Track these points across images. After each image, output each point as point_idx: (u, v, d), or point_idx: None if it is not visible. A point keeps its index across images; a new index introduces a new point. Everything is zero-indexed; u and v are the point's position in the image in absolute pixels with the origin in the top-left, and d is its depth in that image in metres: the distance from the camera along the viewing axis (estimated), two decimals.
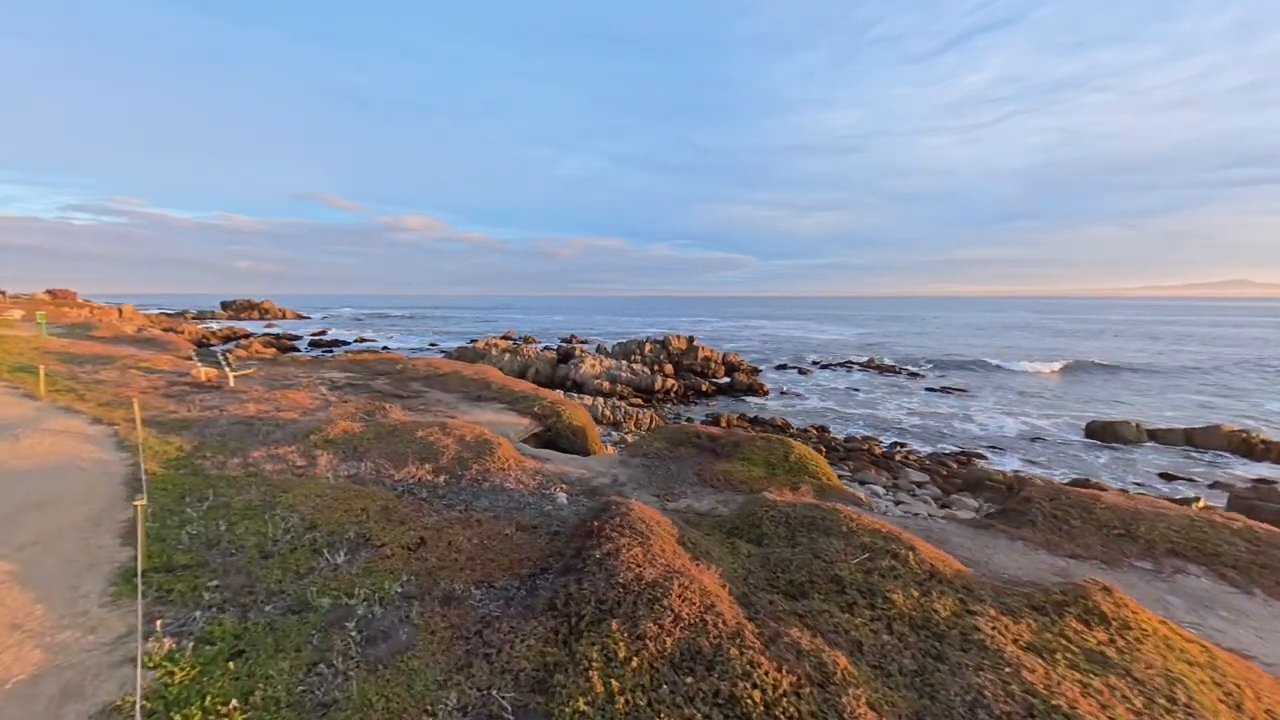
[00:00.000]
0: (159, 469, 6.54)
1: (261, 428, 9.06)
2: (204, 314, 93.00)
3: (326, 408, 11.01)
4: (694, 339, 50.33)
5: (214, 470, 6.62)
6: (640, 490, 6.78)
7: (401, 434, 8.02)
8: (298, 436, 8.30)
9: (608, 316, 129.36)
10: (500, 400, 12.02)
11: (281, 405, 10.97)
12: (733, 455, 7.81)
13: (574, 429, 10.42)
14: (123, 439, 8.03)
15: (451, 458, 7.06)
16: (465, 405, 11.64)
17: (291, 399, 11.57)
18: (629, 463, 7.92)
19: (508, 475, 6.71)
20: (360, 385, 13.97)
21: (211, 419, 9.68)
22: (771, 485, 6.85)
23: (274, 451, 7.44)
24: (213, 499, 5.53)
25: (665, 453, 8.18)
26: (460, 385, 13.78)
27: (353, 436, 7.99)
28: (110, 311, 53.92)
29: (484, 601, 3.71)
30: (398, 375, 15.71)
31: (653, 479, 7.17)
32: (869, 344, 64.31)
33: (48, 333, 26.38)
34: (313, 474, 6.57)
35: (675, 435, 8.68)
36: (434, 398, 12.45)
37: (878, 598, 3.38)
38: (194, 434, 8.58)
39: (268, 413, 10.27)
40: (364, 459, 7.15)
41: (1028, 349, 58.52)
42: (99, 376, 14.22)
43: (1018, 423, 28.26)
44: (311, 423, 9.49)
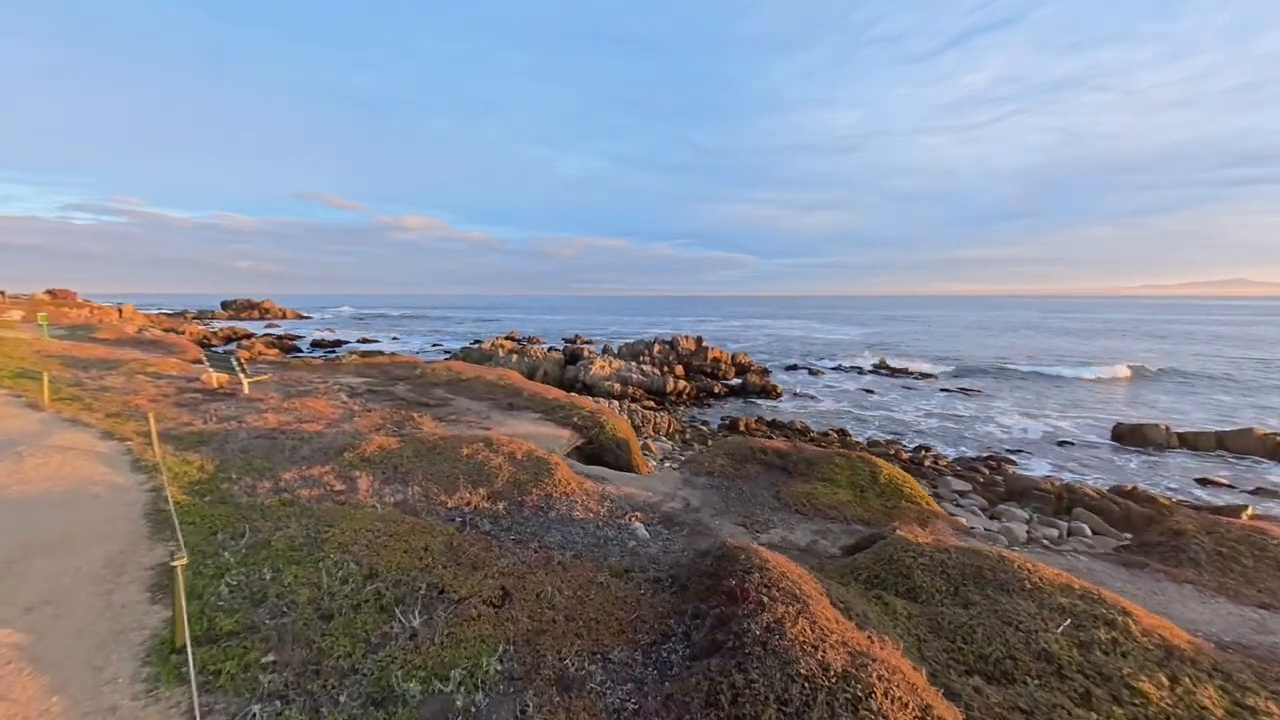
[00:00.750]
0: (182, 495, 5.76)
1: (286, 442, 8.28)
2: (204, 314, 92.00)
3: (351, 418, 10.23)
4: (702, 339, 49.65)
5: (244, 496, 5.85)
6: (720, 517, 6.03)
7: (444, 451, 7.26)
8: (329, 454, 7.53)
9: (610, 316, 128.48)
10: (534, 409, 11.25)
11: (303, 415, 10.18)
12: (809, 475, 7.06)
13: (618, 441, 9.66)
14: (138, 457, 7.25)
15: (506, 480, 6.30)
16: (498, 415, 10.87)
17: (312, 408, 10.79)
18: (694, 482, 7.17)
19: (572, 501, 5.95)
20: (381, 392, 13.19)
21: (230, 432, 8.90)
22: (864, 510, 6.11)
23: (306, 473, 6.67)
24: (249, 536, 4.76)
25: (731, 471, 7.43)
26: (487, 392, 13.01)
27: (391, 454, 7.22)
28: (111, 312, 53.00)
29: (609, 685, 2.96)
30: (418, 380, 14.93)
31: (728, 503, 6.42)
32: (876, 344, 63.69)
33: (49, 334, 25.51)
34: (355, 501, 5.80)
35: (738, 450, 7.93)
36: (462, 406, 11.67)
37: (1118, 686, 2.66)
38: (214, 450, 7.80)
39: (290, 424, 9.49)
40: (409, 482, 6.38)
41: (1055, 351, 57.68)
42: (105, 383, 13.40)
43: (1039, 425, 27.61)
44: (340, 436, 8.72)
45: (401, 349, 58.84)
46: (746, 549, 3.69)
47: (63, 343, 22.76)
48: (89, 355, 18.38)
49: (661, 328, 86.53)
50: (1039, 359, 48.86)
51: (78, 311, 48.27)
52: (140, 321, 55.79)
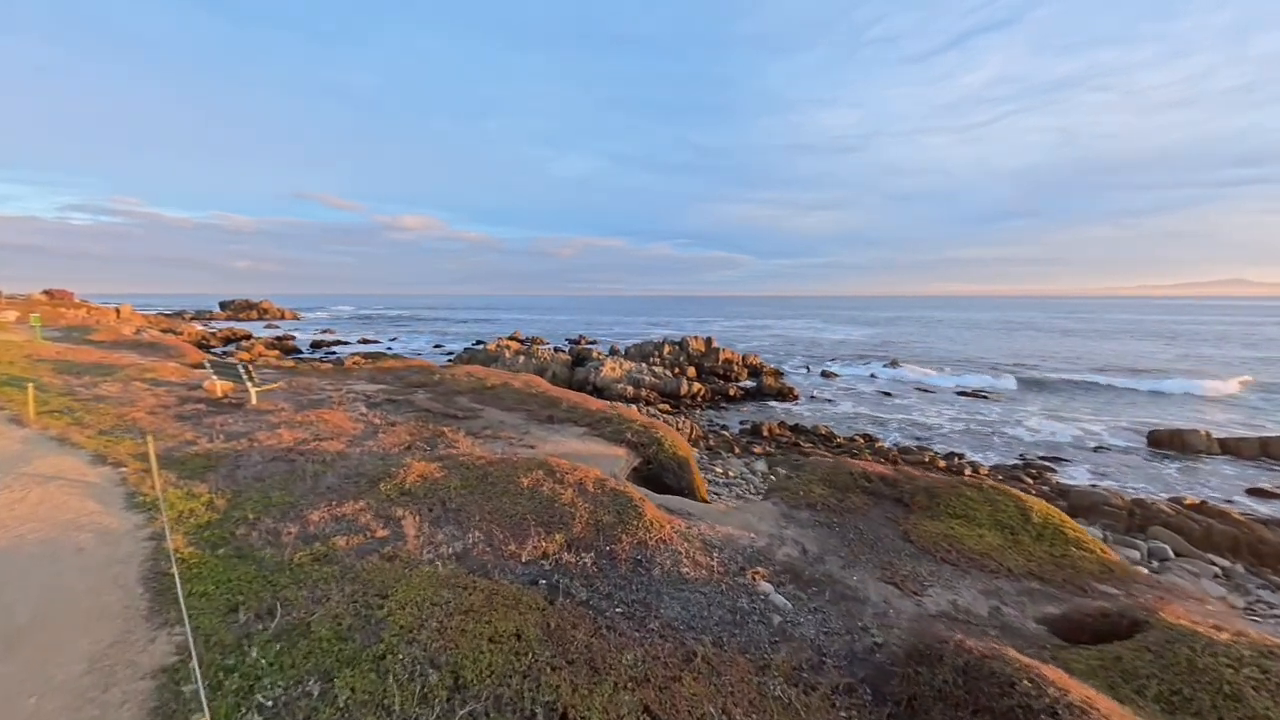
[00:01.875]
0: (189, 548, 4.56)
1: (307, 467, 7.07)
2: (203, 314, 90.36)
3: (374, 433, 9.02)
4: (712, 340, 48.51)
5: (266, 547, 4.65)
6: (853, 569, 4.86)
7: (499, 481, 6.06)
8: (360, 483, 6.32)
9: (612, 316, 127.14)
10: (575, 422, 10.05)
11: (320, 431, 8.97)
12: (934, 509, 5.90)
13: (678, 461, 8.49)
14: (134, 489, 6.03)
15: (585, 522, 5.11)
16: (538, 429, 9.67)
17: (329, 422, 9.57)
18: (795, 518, 6.00)
19: (674, 552, 4.77)
20: (401, 401, 11.97)
21: (240, 453, 7.68)
22: (1027, 561, 4.95)
23: (338, 510, 5.46)
24: (281, 614, 3.57)
25: (834, 502, 6.26)
26: (518, 401, 11.80)
27: (436, 485, 6.02)
28: (108, 312, 51.51)
29: None
30: (437, 387, 13.71)
31: (850, 547, 5.25)
32: (883, 344, 62.69)
33: (42, 336, 24.16)
34: (405, 553, 4.60)
35: (834, 476, 6.76)
36: (494, 418, 10.47)
37: None
38: (224, 478, 6.58)
39: (307, 443, 8.27)
40: (466, 524, 5.18)
41: (1100, 356, 56.41)
42: (99, 391, 12.14)
43: (1069, 428, 26.57)
44: (367, 458, 7.51)
45: (403, 350, 57.48)
46: (1013, 664, 2.53)
47: (56, 345, 21.43)
48: (83, 359, 17.08)
49: (664, 328, 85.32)
50: (1107, 368, 45.38)
51: (74, 312, 46.79)
52: (138, 322, 54.33)
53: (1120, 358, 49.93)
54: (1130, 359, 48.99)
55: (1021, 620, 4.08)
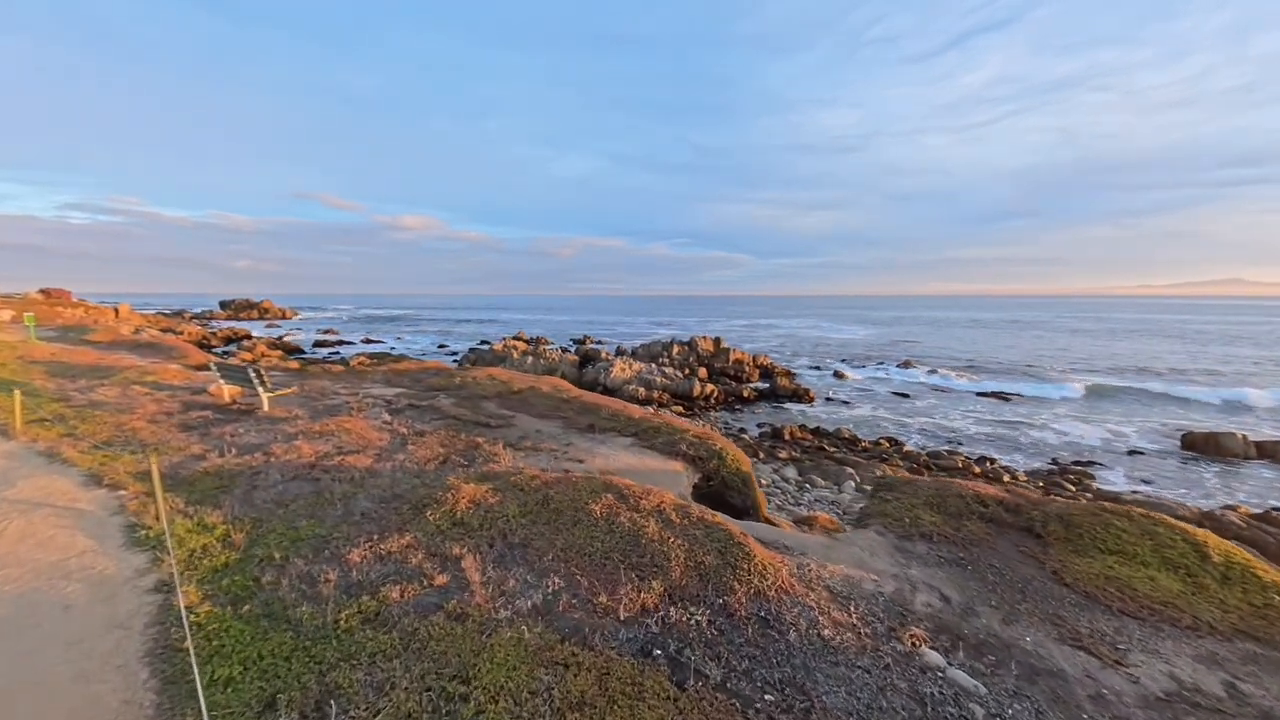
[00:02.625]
0: (205, 601, 3.63)
1: (335, 487, 6.13)
2: (203, 314, 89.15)
3: (403, 445, 8.08)
4: (721, 340, 47.66)
5: (301, 603, 3.71)
6: (1018, 625, 3.94)
7: (563, 507, 5.13)
8: (399, 509, 5.38)
9: (614, 316, 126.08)
10: (620, 431, 9.12)
11: (344, 443, 8.02)
12: (1074, 540, 4.99)
13: (742, 477, 7.57)
14: (135, 519, 5.08)
15: (684, 565, 4.18)
16: (581, 440, 8.74)
17: (353, 432, 8.62)
18: (911, 551, 5.08)
19: (801, 605, 3.85)
20: (424, 407, 11.02)
21: (256, 469, 6.73)
22: (1224, 612, 4.04)
23: (381, 547, 4.53)
24: (335, 714, 2.66)
25: (949, 531, 5.35)
26: (549, 407, 10.86)
27: (492, 512, 5.08)
28: (106, 311, 50.40)
29: None
30: (460, 392, 12.77)
31: (999, 594, 4.34)
32: (891, 344, 61.86)
33: (36, 336, 23.11)
34: (473, 607, 3.67)
35: (942, 500, 5.85)
36: (529, 427, 9.53)
37: None
38: (240, 502, 5.64)
39: (330, 456, 7.33)
40: (539, 566, 4.25)
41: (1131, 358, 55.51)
42: (96, 396, 11.17)
43: (1097, 430, 25.74)
44: (402, 476, 6.57)
45: (407, 350, 56.46)
46: None
47: (51, 346, 20.39)
48: (79, 361, 16.08)
49: (668, 328, 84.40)
50: (1144, 370, 43.27)
51: (72, 311, 45.67)
52: (137, 321, 53.22)
53: (1141, 358, 49.13)
54: (1148, 359, 48.20)
55: (1265, 700, 3.18)
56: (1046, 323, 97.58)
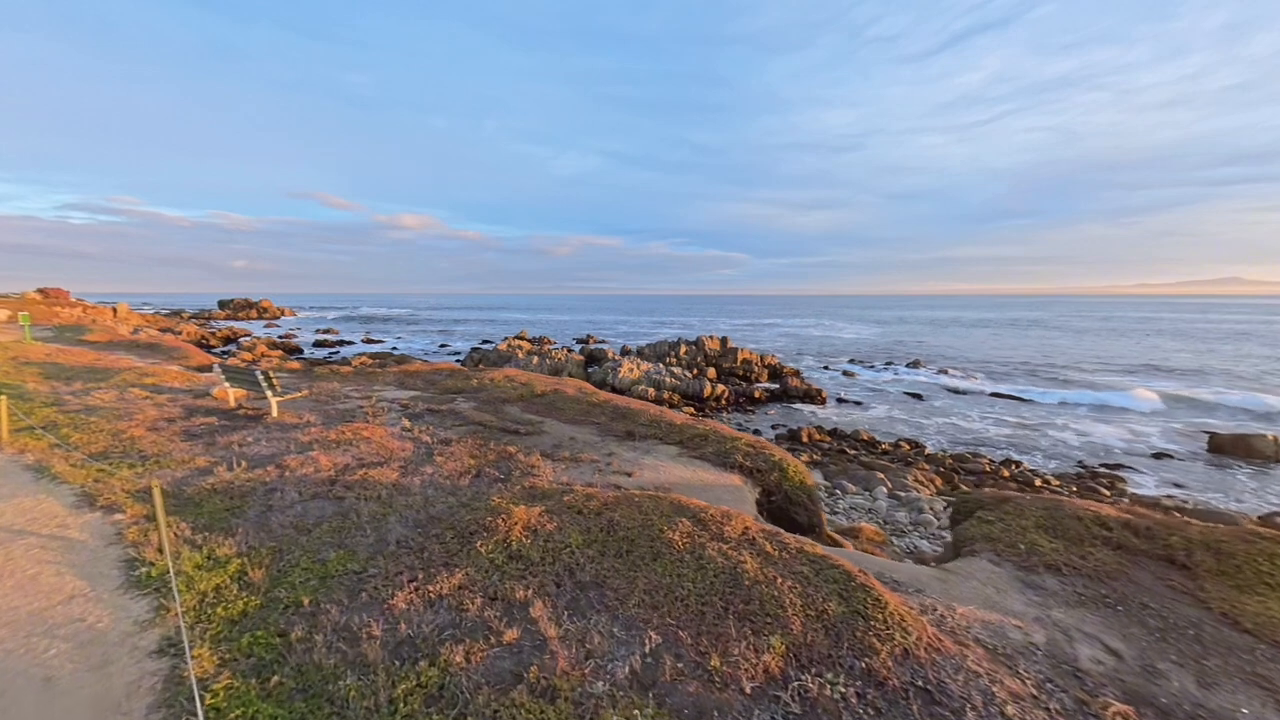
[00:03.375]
0: (222, 669, 2.87)
1: (361, 507, 5.36)
2: (201, 313, 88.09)
3: (429, 455, 7.30)
4: (728, 339, 46.99)
5: (343, 667, 2.95)
6: (1222, 690, 3.20)
7: (633, 533, 4.37)
8: (442, 535, 4.61)
9: (614, 316, 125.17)
10: (662, 439, 8.35)
11: (363, 454, 7.24)
12: (1232, 573, 4.25)
13: (808, 493, 6.81)
14: (134, 552, 4.30)
15: (802, 615, 3.42)
16: (621, 449, 7.97)
17: (371, 440, 7.84)
18: (1040, 586, 4.33)
19: (961, 668, 3.10)
20: (444, 412, 10.24)
21: (271, 486, 5.95)
22: None
23: (430, 588, 3.76)
24: None
25: (1075, 560, 4.61)
26: (579, 412, 10.09)
27: (552, 542, 4.32)
28: (104, 311, 49.46)
29: None
30: (479, 395, 11.99)
31: (1173, 644, 3.60)
32: (896, 344, 61.23)
33: (31, 337, 22.25)
34: (556, 673, 2.92)
35: (1056, 522, 5.10)
36: (562, 434, 8.76)
37: None
38: (254, 527, 4.86)
39: (351, 469, 6.55)
40: (625, 615, 3.49)
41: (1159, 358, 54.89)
42: (91, 400, 10.36)
43: (1118, 431, 25.07)
44: (432, 492, 5.80)
45: (408, 349, 55.64)
46: None
47: (46, 346, 19.54)
48: (75, 362, 15.25)
49: (671, 327, 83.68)
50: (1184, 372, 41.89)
51: (69, 311, 44.72)
52: (135, 321, 52.29)
53: (1154, 357, 48.52)
54: (1159, 358, 47.57)
55: None
56: (1048, 322, 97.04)
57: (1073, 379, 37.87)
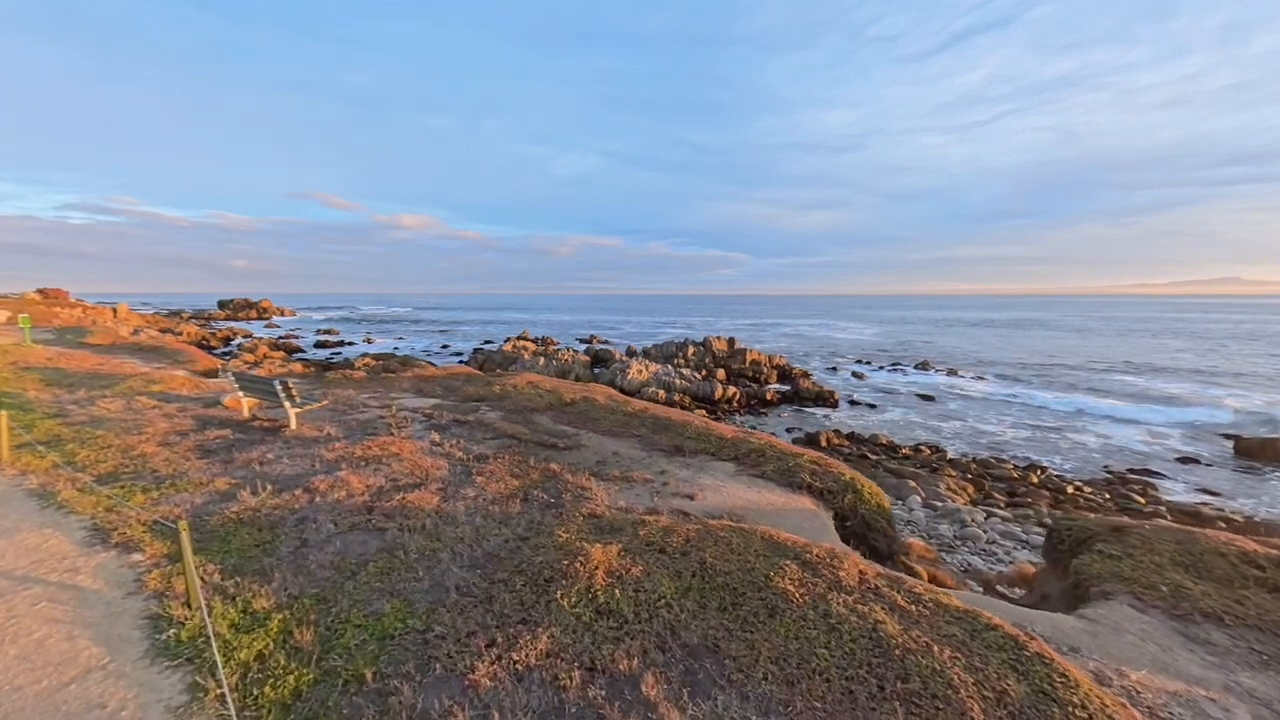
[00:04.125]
0: None
1: (407, 541, 4.73)
2: (201, 313, 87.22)
3: (467, 474, 6.66)
4: (735, 340, 46.43)
5: None
6: None
7: (733, 579, 3.76)
8: (509, 580, 3.99)
9: (616, 316, 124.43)
10: (714, 454, 7.73)
11: (396, 473, 6.60)
12: None
13: (885, 516, 6.21)
14: (156, 604, 3.67)
15: (977, 696, 2.81)
16: (672, 466, 7.34)
17: (402, 457, 7.20)
18: (1209, 641, 3.74)
19: None
20: (471, 422, 9.60)
21: (301, 514, 5.32)
22: None
23: (514, 656, 3.14)
24: None
25: (1232, 607, 4.01)
26: (616, 422, 9.46)
27: (641, 590, 3.70)
28: (104, 312, 48.68)
29: None
30: (503, 403, 11.36)
31: None
32: (901, 344, 60.70)
33: (31, 339, 21.53)
34: None
35: (1193, 556, 4.49)
36: (604, 448, 8.12)
37: None
38: (291, 569, 4.24)
39: (387, 493, 5.91)
40: (760, 699, 2.87)
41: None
42: (97, 411, 9.70)
43: (1136, 433, 24.54)
44: (480, 520, 5.17)
45: (410, 350, 54.92)
46: None
47: (48, 349, 18.84)
48: (78, 367, 14.57)
49: (673, 327, 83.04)
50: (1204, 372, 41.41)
51: (69, 311, 43.95)
52: (135, 322, 51.53)
53: (1159, 357, 48.04)
54: (1166, 358, 47.09)
55: None
56: (1053, 323, 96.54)
57: (1102, 386, 37.29)
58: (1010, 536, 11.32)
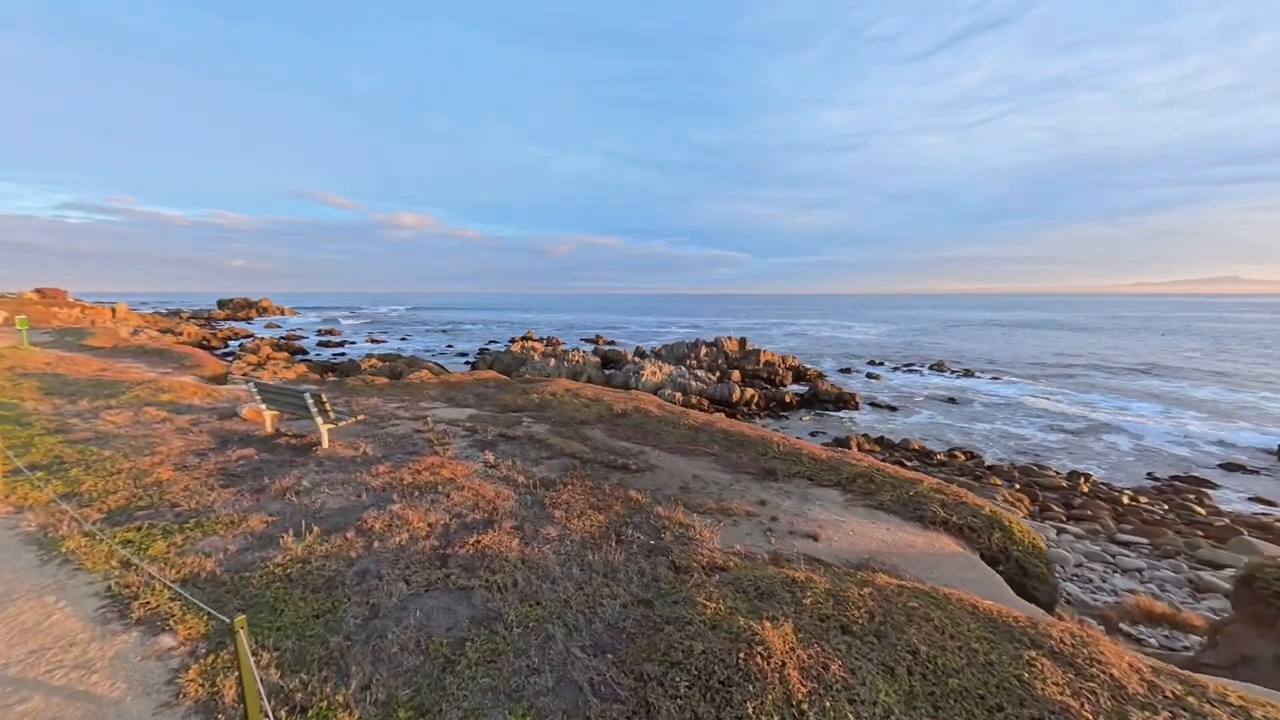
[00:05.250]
0: None
1: (504, 608, 3.73)
2: (200, 313, 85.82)
3: (538, 507, 5.65)
4: (746, 341, 45.52)
5: None
6: None
7: (968, 684, 2.79)
8: (670, 681, 3.00)
9: (618, 315, 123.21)
10: (810, 478, 6.74)
11: (458, 507, 5.58)
12: None
13: (1042, 558, 5.23)
14: None
15: None
16: (766, 493, 6.35)
17: (458, 483, 6.18)
18: None
19: None
20: (519, 439, 8.57)
21: (360, 565, 4.31)
22: None
23: None
24: None
25: None
26: (683, 437, 8.46)
27: (856, 700, 2.71)
28: (103, 311, 47.42)
29: None
30: (543, 413, 10.35)
31: None
32: (908, 344, 59.88)
33: (29, 342, 20.40)
34: None
35: None
36: (680, 469, 7.12)
37: None
38: (370, 656, 3.23)
39: (455, 533, 4.90)
40: None
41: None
42: (102, 425, 8.65)
43: (1170, 436, 23.68)
44: (577, 570, 4.17)
45: (415, 350, 53.77)
46: None
47: (47, 353, 17.72)
48: (79, 373, 13.49)
49: (679, 327, 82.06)
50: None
51: (68, 312, 42.69)
52: (134, 322, 50.28)
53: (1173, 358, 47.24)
54: (1180, 359, 46.31)
55: None
56: (1057, 322, 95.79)
57: (1124, 387, 36.45)
58: (1096, 559, 10.39)
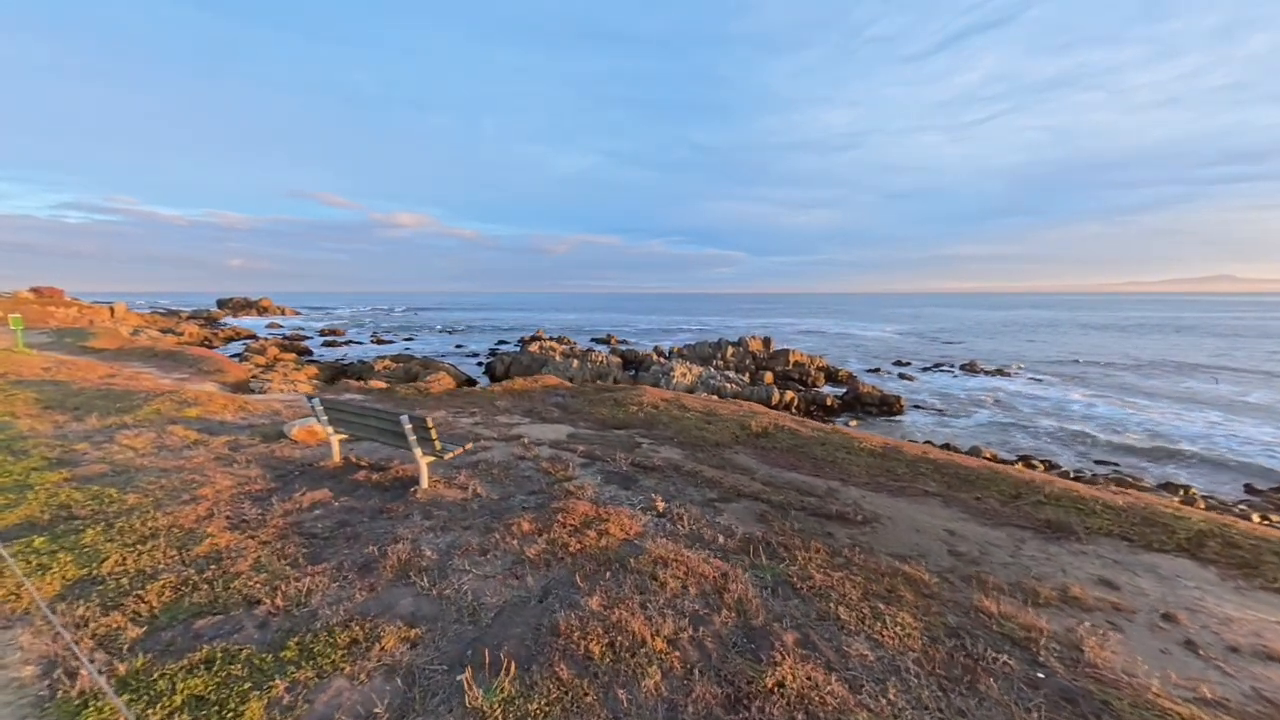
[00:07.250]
0: None
1: None
2: (200, 312, 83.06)
3: (802, 608, 3.71)
4: (770, 340, 43.69)
5: None
6: None
7: None
8: None
9: (620, 314, 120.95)
10: (1126, 538, 4.84)
11: (678, 599, 3.62)
12: None
13: None
14: None
15: None
16: (1087, 564, 4.43)
17: (646, 552, 4.23)
18: None
19: None
20: (661, 469, 6.60)
21: None
22: None
23: None
24: None
25: None
26: (874, 468, 6.49)
27: None
28: (101, 311, 44.93)
29: None
30: (653, 429, 8.38)
31: None
32: (928, 343, 58.19)
33: (24, 344, 18.16)
34: None
35: None
36: (927, 526, 5.16)
37: None
38: None
39: (716, 660, 2.97)
40: None
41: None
42: (118, 452, 6.60)
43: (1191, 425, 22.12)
44: None
45: (422, 350, 51.32)
46: None
47: (44, 357, 15.52)
48: (83, 381, 11.36)
49: (690, 326, 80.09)
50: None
51: (65, 311, 40.22)
52: (134, 322, 47.82)
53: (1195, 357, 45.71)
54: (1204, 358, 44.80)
55: None
56: (1071, 320, 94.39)
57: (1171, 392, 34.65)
58: None
